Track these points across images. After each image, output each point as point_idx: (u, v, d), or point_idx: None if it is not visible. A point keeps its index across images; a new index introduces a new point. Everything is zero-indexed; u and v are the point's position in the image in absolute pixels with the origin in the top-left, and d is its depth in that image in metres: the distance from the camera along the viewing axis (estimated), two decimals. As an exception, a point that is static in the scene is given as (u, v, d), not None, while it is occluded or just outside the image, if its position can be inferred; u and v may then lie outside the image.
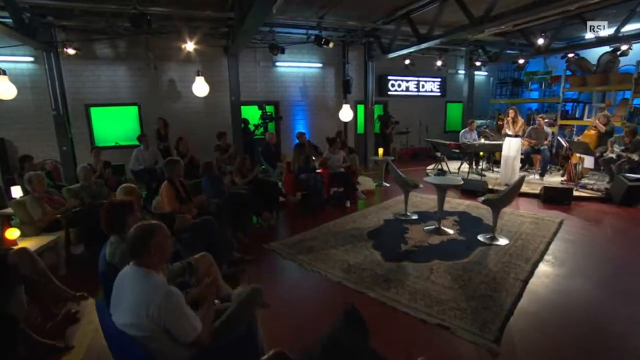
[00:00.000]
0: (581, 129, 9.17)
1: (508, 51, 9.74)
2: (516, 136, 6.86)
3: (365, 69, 9.41)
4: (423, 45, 7.25)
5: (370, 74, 9.37)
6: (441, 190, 4.63)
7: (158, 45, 8.00)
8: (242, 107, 8.80)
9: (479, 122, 11.26)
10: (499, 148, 7.43)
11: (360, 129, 10.75)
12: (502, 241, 4.33)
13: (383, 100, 10.95)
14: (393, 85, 10.89)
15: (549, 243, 4.29)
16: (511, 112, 6.77)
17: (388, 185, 7.55)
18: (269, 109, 9.15)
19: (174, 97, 8.54)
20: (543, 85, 10.85)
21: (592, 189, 6.27)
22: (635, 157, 6.16)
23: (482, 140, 8.21)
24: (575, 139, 7.27)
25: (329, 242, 4.45)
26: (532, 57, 9.32)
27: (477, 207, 5.85)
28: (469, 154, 7.94)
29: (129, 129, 8.45)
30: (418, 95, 11.35)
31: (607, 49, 8.40)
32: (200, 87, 7.64)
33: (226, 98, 8.59)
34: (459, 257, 3.91)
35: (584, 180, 6.84)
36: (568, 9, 6.19)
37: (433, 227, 4.81)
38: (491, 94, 12.12)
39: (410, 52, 8.28)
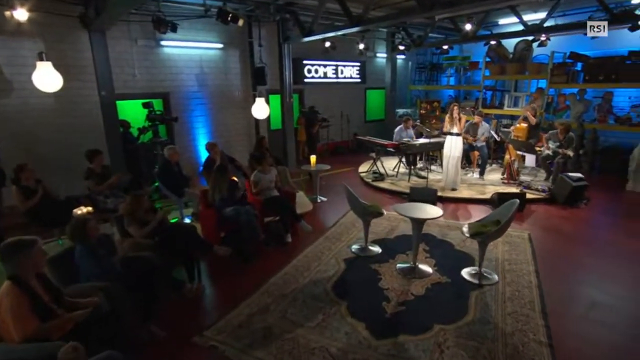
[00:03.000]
0: (499, 118, 9.89)
1: (432, 35, 9.82)
2: (457, 134, 6.79)
3: (280, 53, 8.35)
4: (355, 29, 6.58)
5: (286, 58, 8.36)
6: (418, 224, 4.06)
7: (-40, 9, 5.55)
8: (118, 103, 6.91)
9: (400, 111, 11.38)
10: (440, 147, 7.36)
11: (276, 124, 9.74)
12: (491, 277, 4.01)
13: (298, 89, 10.07)
14: (310, 71, 10.07)
15: (537, 272, 4.13)
16: (455, 109, 6.64)
17: (325, 199, 6.82)
18: (158, 105, 7.42)
19: (2, 90, 6.15)
20: (461, 71, 11.41)
21: (537, 190, 6.61)
22: (570, 152, 6.66)
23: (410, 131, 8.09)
24: (512, 134, 7.62)
25: (288, 314, 3.48)
26: (459, 43, 9.58)
27: (436, 225, 5.57)
28: (406, 154, 7.72)
29: None
30: (337, 82, 10.80)
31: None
32: (47, 78, 5.58)
33: (92, 91, 6.59)
34: (459, 315, 3.41)
35: (523, 178, 7.24)
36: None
37: (407, 266, 4.27)
38: (410, 80, 12.34)
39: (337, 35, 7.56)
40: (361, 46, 9.49)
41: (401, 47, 9.67)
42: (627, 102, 8.34)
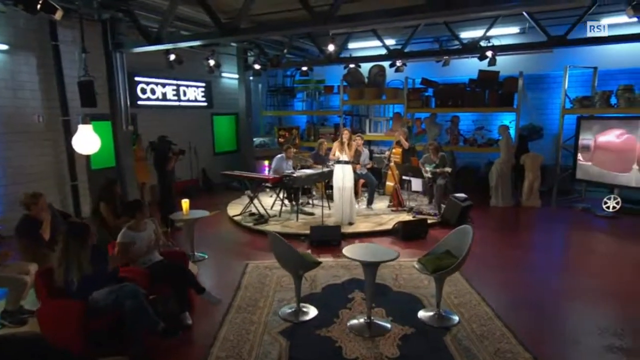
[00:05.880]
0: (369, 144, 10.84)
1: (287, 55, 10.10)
2: (346, 162, 7.00)
3: (110, 64, 7.03)
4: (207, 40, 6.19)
5: (119, 72, 7.08)
6: (371, 270, 3.84)
7: None
8: None
9: (257, 140, 11.26)
10: (327, 177, 7.45)
11: (100, 161, 8.13)
12: (452, 317, 4.10)
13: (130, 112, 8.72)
14: (144, 91, 8.91)
15: (485, 301, 4.45)
16: (345, 133, 6.87)
17: (205, 256, 5.91)
18: None
19: None
20: (316, 96, 12.10)
21: (429, 214, 7.35)
22: (447, 169, 7.68)
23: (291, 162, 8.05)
24: (392, 160, 8.37)
25: None
26: (321, 65, 10.11)
27: (354, 266, 5.45)
28: (290, 188, 7.52)
29: None
30: (179, 106, 9.87)
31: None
32: None
33: None
34: (452, 371, 3.30)
35: (411, 204, 7.98)
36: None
37: (361, 322, 3.97)
38: (262, 105, 12.35)
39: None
40: (211, 62, 8.97)
41: (257, 67, 9.60)
42: (472, 125, 10.39)
